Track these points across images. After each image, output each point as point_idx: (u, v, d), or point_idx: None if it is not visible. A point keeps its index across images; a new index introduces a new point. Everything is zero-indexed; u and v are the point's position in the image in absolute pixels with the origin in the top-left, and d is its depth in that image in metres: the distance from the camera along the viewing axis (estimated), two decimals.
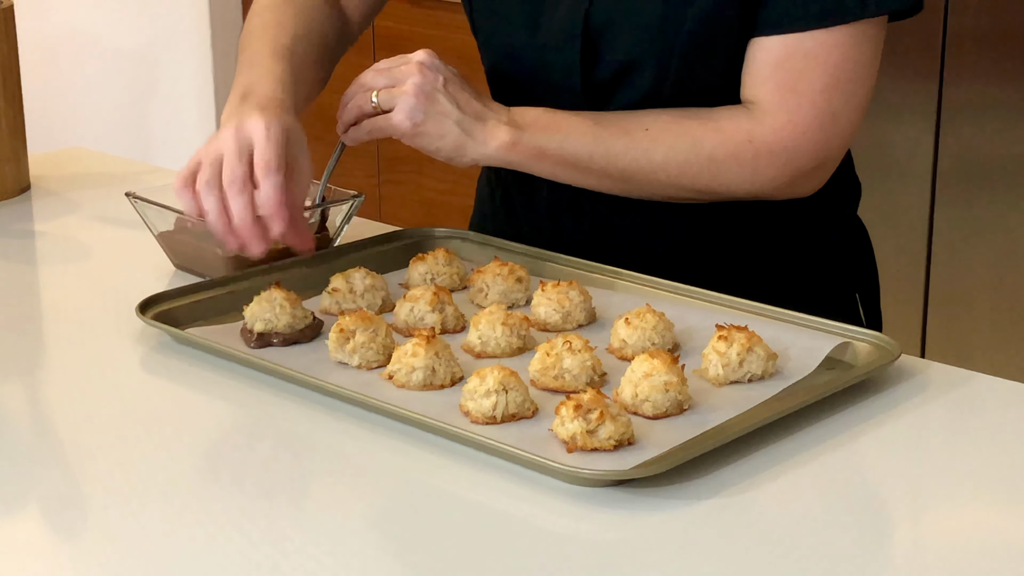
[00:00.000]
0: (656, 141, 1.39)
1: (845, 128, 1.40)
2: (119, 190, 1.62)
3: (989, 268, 2.78)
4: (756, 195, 1.42)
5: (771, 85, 1.38)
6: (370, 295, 1.36)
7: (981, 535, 1.01)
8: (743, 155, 1.39)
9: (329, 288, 1.37)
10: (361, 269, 1.38)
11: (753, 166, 1.39)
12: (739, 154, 1.39)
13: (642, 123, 1.40)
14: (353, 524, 1.02)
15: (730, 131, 1.39)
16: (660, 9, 1.39)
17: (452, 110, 1.39)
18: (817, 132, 1.39)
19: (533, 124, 1.41)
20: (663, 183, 1.41)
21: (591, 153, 1.40)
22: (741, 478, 1.06)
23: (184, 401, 1.24)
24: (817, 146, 1.39)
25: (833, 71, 1.37)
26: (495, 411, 1.12)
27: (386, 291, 1.38)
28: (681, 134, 1.39)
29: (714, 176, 1.40)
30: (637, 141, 1.39)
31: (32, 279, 1.57)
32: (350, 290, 1.36)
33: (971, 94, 2.73)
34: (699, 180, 1.40)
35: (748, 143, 1.38)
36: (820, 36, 1.36)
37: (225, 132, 1.35)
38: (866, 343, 1.26)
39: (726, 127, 1.39)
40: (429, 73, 1.40)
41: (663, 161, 1.39)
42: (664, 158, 1.39)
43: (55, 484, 1.09)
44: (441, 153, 1.41)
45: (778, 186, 1.41)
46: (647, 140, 1.39)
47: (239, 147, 1.33)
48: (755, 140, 1.38)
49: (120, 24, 3.91)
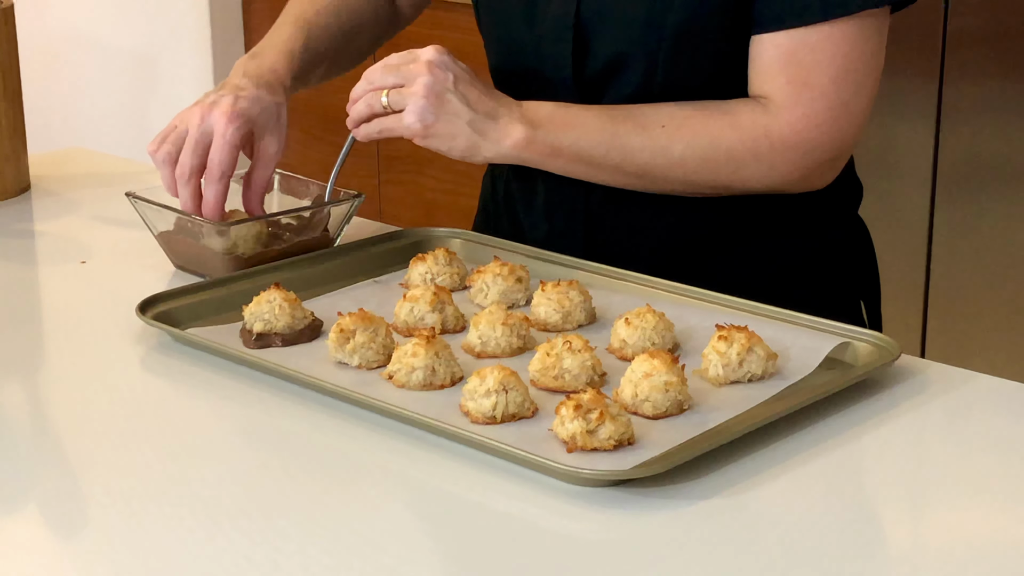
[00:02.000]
0: (673, 137, 1.39)
1: (857, 118, 1.41)
2: (119, 190, 1.62)
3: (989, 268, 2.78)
4: (773, 189, 1.43)
5: (782, 80, 1.39)
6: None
7: (981, 535, 1.01)
8: (761, 150, 1.39)
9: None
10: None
11: (770, 161, 1.40)
12: (757, 149, 1.39)
13: (658, 119, 1.40)
14: (353, 524, 1.02)
15: (747, 126, 1.39)
16: (646, 3, 1.40)
17: (464, 110, 1.39)
18: (831, 124, 1.39)
19: (547, 121, 1.41)
20: (680, 179, 1.41)
21: (607, 150, 1.40)
22: (741, 478, 1.06)
23: (184, 401, 1.24)
24: (832, 138, 1.40)
25: (842, 63, 1.38)
26: (495, 411, 1.12)
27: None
28: (699, 130, 1.40)
29: (733, 171, 1.40)
30: (654, 137, 1.40)
31: (32, 279, 1.57)
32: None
33: (971, 94, 2.72)
34: (718, 176, 1.41)
35: (765, 138, 1.39)
36: (826, 29, 1.37)
37: (194, 113, 1.48)
38: (866, 343, 1.26)
39: (743, 122, 1.39)
40: (439, 72, 1.39)
41: (681, 158, 1.40)
42: (682, 155, 1.40)
43: (55, 484, 1.09)
44: (454, 153, 1.41)
45: (795, 179, 1.42)
46: (664, 136, 1.40)
47: (197, 138, 1.46)
48: (772, 135, 1.39)
49: (120, 24, 3.90)
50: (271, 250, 1.47)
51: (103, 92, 3.98)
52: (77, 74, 4.03)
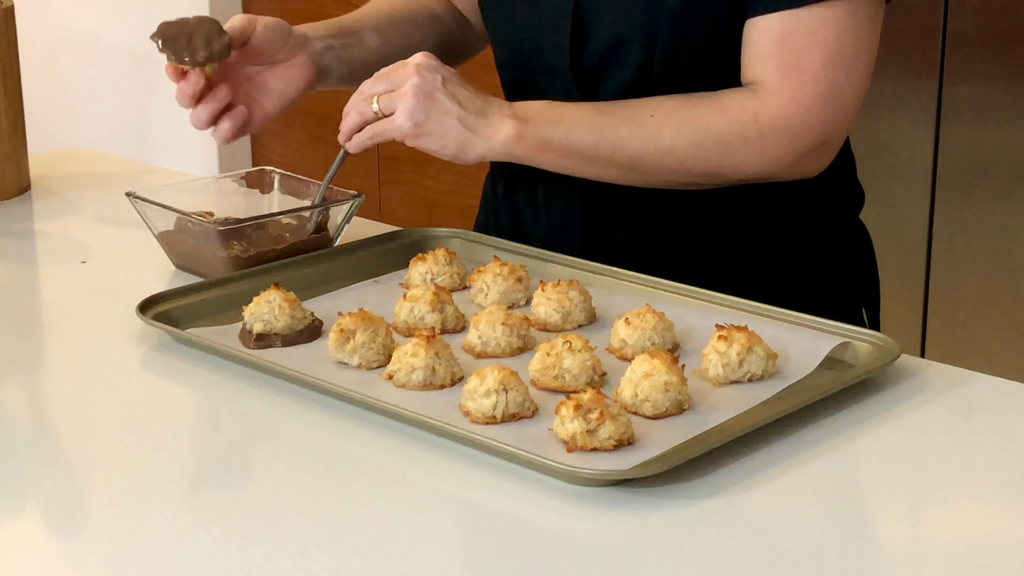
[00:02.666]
0: (662, 126, 1.40)
1: (848, 104, 1.41)
2: (119, 190, 1.62)
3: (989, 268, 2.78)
4: (763, 176, 1.43)
5: (772, 64, 1.39)
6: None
7: (981, 535, 1.01)
8: (749, 135, 1.39)
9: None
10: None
11: (760, 146, 1.40)
12: (745, 134, 1.39)
13: (646, 110, 1.41)
14: (353, 524, 1.02)
15: (735, 112, 1.39)
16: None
17: (453, 108, 1.40)
18: (821, 108, 1.39)
19: (537, 116, 1.41)
20: (671, 168, 1.41)
21: (596, 141, 1.40)
22: (741, 478, 1.06)
23: (184, 401, 1.24)
24: (822, 122, 1.40)
25: (833, 46, 1.38)
26: (495, 411, 1.12)
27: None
28: (686, 118, 1.40)
29: (722, 158, 1.40)
30: (643, 127, 1.40)
31: (32, 279, 1.57)
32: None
33: (971, 94, 2.72)
34: (707, 163, 1.41)
35: (754, 123, 1.39)
36: (817, 12, 1.37)
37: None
38: (866, 343, 1.26)
39: (731, 108, 1.40)
40: (427, 73, 1.40)
41: (670, 146, 1.40)
42: (671, 142, 1.40)
43: (55, 484, 1.09)
44: (445, 151, 1.42)
45: (785, 165, 1.42)
46: (653, 125, 1.40)
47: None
48: (760, 119, 1.39)
49: (120, 24, 3.90)
50: (271, 250, 1.47)
51: (103, 92, 3.98)
52: (77, 74, 4.02)
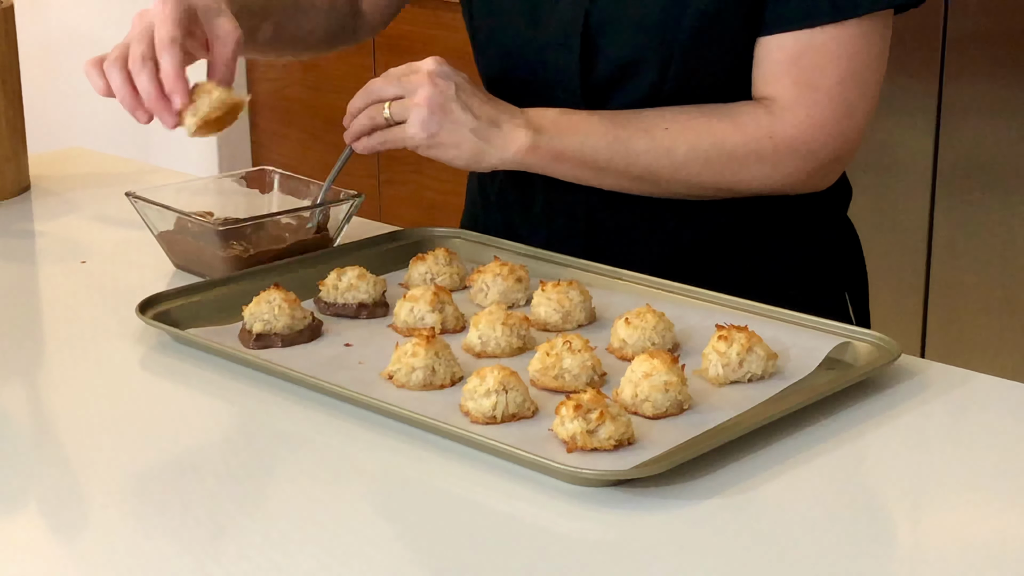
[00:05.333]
0: (677, 140, 1.39)
1: (860, 120, 1.41)
2: (119, 190, 1.62)
3: (989, 268, 2.78)
4: (776, 191, 1.43)
5: (787, 81, 1.39)
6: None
7: (981, 535, 1.01)
8: (764, 151, 1.39)
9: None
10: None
11: (774, 162, 1.40)
12: (760, 151, 1.39)
13: (661, 122, 1.40)
14: (353, 524, 1.02)
15: (750, 128, 1.39)
16: (661, 6, 1.39)
17: (467, 118, 1.39)
18: (835, 126, 1.39)
19: (551, 126, 1.41)
20: (684, 181, 1.41)
21: (611, 153, 1.40)
22: (741, 478, 1.06)
23: (184, 401, 1.24)
24: (836, 139, 1.40)
25: (847, 65, 1.38)
26: (495, 411, 1.12)
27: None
28: (702, 132, 1.40)
29: (736, 173, 1.40)
30: (658, 140, 1.40)
31: (32, 279, 1.57)
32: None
33: (971, 94, 2.73)
34: (721, 177, 1.41)
35: (769, 139, 1.39)
36: (832, 31, 1.37)
37: (133, 21, 1.42)
38: (866, 343, 1.26)
39: (746, 124, 1.39)
40: (440, 82, 1.39)
41: (685, 160, 1.40)
42: (686, 157, 1.40)
43: (55, 484, 1.09)
44: (459, 161, 1.41)
45: (797, 181, 1.42)
46: (668, 139, 1.40)
47: (141, 29, 1.39)
48: (776, 136, 1.39)
49: (120, 24, 3.88)
50: (271, 250, 1.47)
51: None
52: (77, 74, 4.01)
